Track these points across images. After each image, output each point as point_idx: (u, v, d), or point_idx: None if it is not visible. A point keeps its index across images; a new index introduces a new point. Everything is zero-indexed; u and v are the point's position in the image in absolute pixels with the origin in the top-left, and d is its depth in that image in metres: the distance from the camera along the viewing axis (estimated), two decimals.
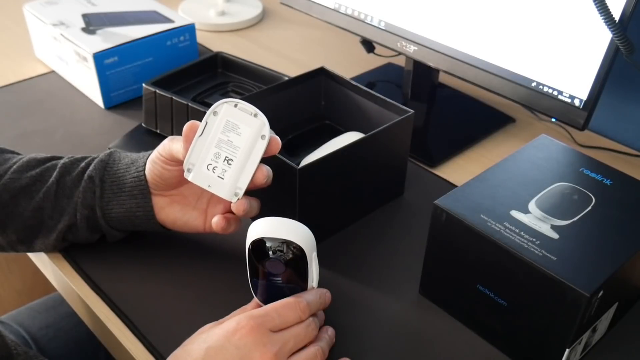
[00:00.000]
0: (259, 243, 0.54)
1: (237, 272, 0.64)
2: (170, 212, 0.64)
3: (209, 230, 0.64)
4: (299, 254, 0.54)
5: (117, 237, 0.66)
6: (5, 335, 0.50)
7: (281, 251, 0.54)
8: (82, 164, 0.64)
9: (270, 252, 0.54)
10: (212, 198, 0.64)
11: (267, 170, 0.57)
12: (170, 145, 0.59)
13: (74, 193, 0.63)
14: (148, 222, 0.64)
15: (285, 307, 0.53)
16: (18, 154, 0.68)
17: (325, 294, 0.58)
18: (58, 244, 0.65)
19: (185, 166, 0.57)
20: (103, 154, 0.65)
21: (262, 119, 0.56)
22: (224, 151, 0.56)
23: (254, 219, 0.57)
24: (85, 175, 0.63)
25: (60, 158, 0.66)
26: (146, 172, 0.62)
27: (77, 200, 0.62)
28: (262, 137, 0.56)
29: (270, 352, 0.50)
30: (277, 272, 0.55)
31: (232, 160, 0.56)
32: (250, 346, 0.50)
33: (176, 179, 0.62)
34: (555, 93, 0.72)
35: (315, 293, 0.56)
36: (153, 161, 0.61)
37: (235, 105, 0.56)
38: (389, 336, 0.60)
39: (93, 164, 0.63)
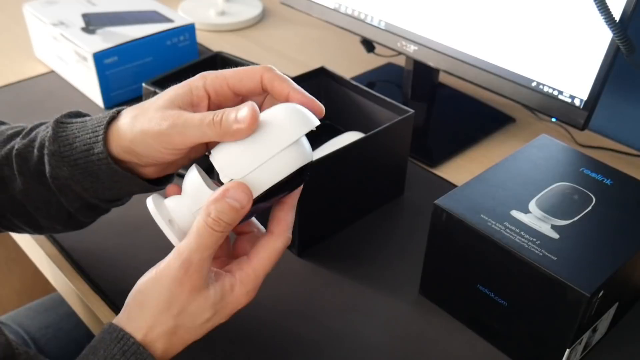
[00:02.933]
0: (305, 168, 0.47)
1: None
2: (179, 163, 0.53)
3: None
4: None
5: (127, 201, 0.58)
6: (8, 335, 0.50)
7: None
8: (35, 152, 0.53)
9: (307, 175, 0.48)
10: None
11: None
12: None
13: (49, 191, 0.54)
14: (152, 191, 0.55)
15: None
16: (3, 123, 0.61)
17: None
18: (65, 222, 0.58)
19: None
20: (48, 140, 0.52)
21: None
22: None
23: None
24: (47, 174, 0.53)
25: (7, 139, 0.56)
26: (119, 153, 0.51)
27: (59, 197, 0.54)
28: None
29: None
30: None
31: None
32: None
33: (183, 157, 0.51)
34: (555, 93, 0.72)
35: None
36: (149, 154, 0.49)
37: None
38: (389, 336, 0.60)
39: (47, 159, 0.52)
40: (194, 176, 0.48)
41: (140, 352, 0.45)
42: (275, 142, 0.44)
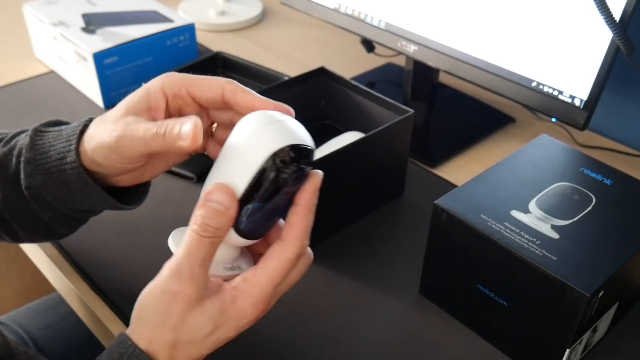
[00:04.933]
0: (280, 153, 0.42)
1: None
2: (155, 171, 0.52)
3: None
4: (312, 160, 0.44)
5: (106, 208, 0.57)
6: (6, 335, 0.50)
7: (307, 162, 0.43)
8: (14, 160, 0.53)
9: (297, 165, 0.42)
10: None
11: None
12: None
13: (25, 201, 0.54)
14: (125, 209, 0.55)
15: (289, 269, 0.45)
16: None
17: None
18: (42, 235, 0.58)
19: None
20: (25, 148, 0.52)
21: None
22: None
23: None
24: (22, 183, 0.53)
25: None
26: (89, 164, 0.50)
27: (33, 206, 0.54)
28: None
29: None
30: (294, 190, 0.44)
31: None
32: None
33: (144, 159, 0.50)
34: (555, 93, 0.72)
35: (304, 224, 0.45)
36: (108, 162, 0.49)
37: None
38: (389, 336, 0.60)
39: (22, 167, 0.52)
40: None
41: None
42: (245, 133, 0.43)
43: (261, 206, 0.43)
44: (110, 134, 0.47)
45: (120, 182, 0.52)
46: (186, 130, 0.43)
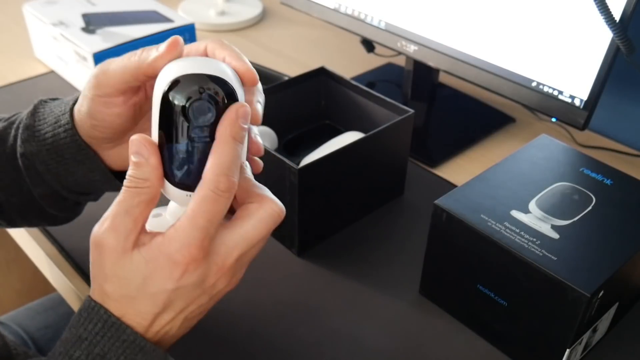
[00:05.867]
0: (175, 85, 0.41)
1: None
2: None
3: None
4: (231, 93, 0.42)
5: (98, 196, 0.58)
6: (5, 336, 0.50)
7: (210, 90, 0.41)
8: (13, 131, 0.54)
9: (197, 94, 0.41)
10: None
11: None
12: (131, 62, 0.45)
13: (19, 168, 0.54)
14: (116, 186, 0.54)
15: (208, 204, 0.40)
16: None
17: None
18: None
19: None
20: (27, 115, 0.53)
21: None
22: None
23: None
24: (17, 150, 0.53)
25: None
26: (81, 129, 0.51)
27: (25, 180, 0.54)
28: None
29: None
30: (203, 124, 0.41)
31: None
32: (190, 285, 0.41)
33: (121, 116, 0.49)
34: (555, 93, 0.72)
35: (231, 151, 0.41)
36: (91, 112, 0.49)
37: None
38: (389, 336, 0.59)
39: (19, 133, 0.53)
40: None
41: (92, 307, 0.42)
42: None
43: (183, 148, 0.41)
44: (90, 76, 0.48)
45: (109, 157, 0.52)
46: (164, 43, 0.43)
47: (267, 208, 0.42)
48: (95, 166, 0.52)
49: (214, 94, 0.41)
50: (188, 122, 0.41)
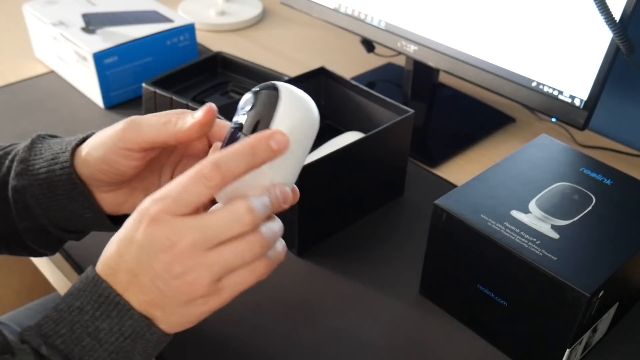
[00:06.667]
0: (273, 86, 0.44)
1: None
2: (136, 203, 0.46)
3: None
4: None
5: (82, 236, 0.58)
6: (7, 335, 0.50)
7: (267, 93, 0.44)
8: (7, 162, 0.54)
9: (258, 89, 0.44)
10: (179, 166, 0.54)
11: None
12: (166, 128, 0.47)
13: (7, 199, 0.53)
14: (105, 226, 0.54)
15: (192, 178, 0.41)
16: None
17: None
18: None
19: None
20: (23, 148, 0.53)
21: None
22: None
23: None
24: (9, 183, 0.53)
25: None
26: (85, 168, 0.51)
27: (12, 212, 0.53)
28: None
29: (181, 249, 0.40)
30: (241, 111, 0.44)
31: None
32: (154, 243, 0.40)
33: (136, 168, 0.50)
34: (555, 93, 0.72)
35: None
36: (107, 160, 0.49)
37: None
38: (389, 336, 0.59)
39: (14, 166, 0.53)
40: None
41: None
42: None
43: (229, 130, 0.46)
44: (116, 124, 0.49)
45: (103, 200, 0.53)
46: (199, 113, 0.45)
47: (233, 207, 0.41)
48: (88, 204, 0.52)
49: (266, 98, 0.43)
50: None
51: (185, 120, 0.46)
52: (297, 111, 0.43)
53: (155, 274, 0.41)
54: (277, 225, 0.44)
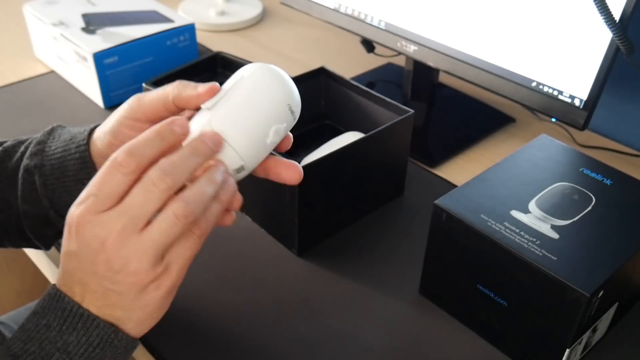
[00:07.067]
0: None
1: (240, 271, 0.64)
2: None
3: None
4: None
5: None
6: (7, 335, 0.50)
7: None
8: (22, 148, 0.55)
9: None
10: None
11: None
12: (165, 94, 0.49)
13: (15, 185, 0.55)
14: None
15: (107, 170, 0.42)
16: None
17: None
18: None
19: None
20: (43, 133, 0.55)
21: None
22: None
23: None
24: (22, 163, 0.54)
25: (5, 142, 0.58)
26: (95, 147, 0.52)
27: (18, 193, 0.54)
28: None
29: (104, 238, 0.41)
30: None
31: None
32: (87, 247, 0.41)
33: None
34: (555, 93, 0.72)
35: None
36: (114, 131, 0.51)
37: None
38: (389, 336, 0.59)
39: (30, 148, 0.54)
40: None
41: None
42: None
43: None
44: (124, 103, 0.51)
45: None
46: (205, 85, 0.48)
47: (145, 178, 0.41)
48: None
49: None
50: None
51: (187, 88, 0.48)
52: (256, 82, 0.50)
53: (100, 277, 0.42)
54: (205, 181, 0.43)
